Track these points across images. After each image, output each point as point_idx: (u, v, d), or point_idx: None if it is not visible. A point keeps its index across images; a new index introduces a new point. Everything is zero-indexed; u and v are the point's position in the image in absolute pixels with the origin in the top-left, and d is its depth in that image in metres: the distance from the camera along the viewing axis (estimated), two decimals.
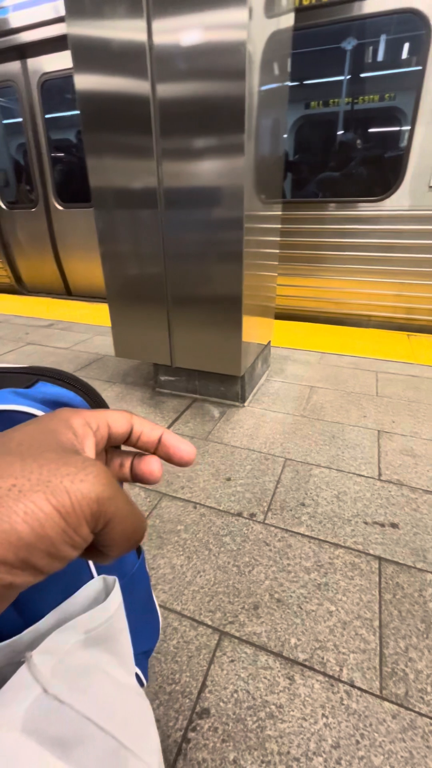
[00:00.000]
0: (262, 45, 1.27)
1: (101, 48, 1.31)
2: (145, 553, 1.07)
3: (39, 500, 0.16)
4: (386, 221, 2.59)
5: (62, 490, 0.17)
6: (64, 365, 2.33)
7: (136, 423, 0.27)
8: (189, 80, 1.26)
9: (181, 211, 1.46)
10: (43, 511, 0.16)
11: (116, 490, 0.19)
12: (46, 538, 0.16)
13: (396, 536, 1.11)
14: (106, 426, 0.25)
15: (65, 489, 0.17)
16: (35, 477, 0.17)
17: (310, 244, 2.83)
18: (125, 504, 0.20)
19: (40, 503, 0.16)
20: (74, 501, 0.17)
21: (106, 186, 1.53)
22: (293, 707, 0.74)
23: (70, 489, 0.17)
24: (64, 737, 0.23)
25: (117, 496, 0.19)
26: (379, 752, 0.67)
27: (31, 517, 0.16)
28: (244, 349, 1.64)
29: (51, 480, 0.17)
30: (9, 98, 3.46)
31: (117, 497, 0.19)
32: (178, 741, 0.70)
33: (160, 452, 0.28)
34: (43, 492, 0.16)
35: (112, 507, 0.19)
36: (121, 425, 0.26)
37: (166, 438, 0.28)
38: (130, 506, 0.21)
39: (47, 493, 0.17)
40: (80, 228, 3.55)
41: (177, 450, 0.28)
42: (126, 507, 0.20)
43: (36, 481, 0.17)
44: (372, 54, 2.49)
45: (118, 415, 0.27)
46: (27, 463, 0.18)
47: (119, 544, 0.20)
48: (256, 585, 0.97)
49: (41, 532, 0.16)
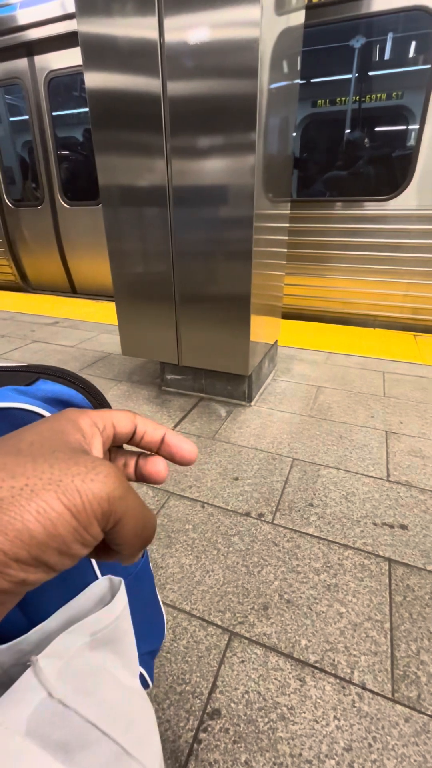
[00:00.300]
0: (273, 42, 1.26)
1: (112, 46, 1.31)
2: (153, 552, 1.07)
3: (51, 499, 0.17)
4: (394, 221, 2.58)
5: (73, 489, 0.17)
6: (70, 363, 2.33)
7: (139, 422, 0.28)
8: (200, 78, 1.25)
9: (191, 210, 1.45)
10: (55, 510, 0.16)
11: (126, 489, 0.20)
12: (58, 536, 0.16)
13: (405, 538, 1.10)
14: (111, 426, 0.26)
15: (76, 488, 0.17)
16: (47, 476, 0.17)
17: (317, 243, 2.82)
18: (135, 503, 0.20)
19: (52, 502, 0.16)
20: (85, 500, 0.17)
21: (115, 184, 1.53)
22: (304, 709, 0.73)
23: (81, 488, 0.17)
24: (67, 742, 0.23)
25: (127, 495, 0.19)
26: (391, 755, 0.67)
27: (43, 516, 0.16)
28: (252, 348, 1.64)
29: (62, 479, 0.17)
30: (16, 96, 3.46)
31: (127, 496, 0.19)
32: (189, 741, 0.69)
33: (163, 452, 0.29)
34: (54, 491, 0.17)
35: (123, 505, 0.19)
36: (125, 425, 0.27)
37: (168, 438, 0.28)
38: (140, 505, 0.21)
39: (59, 492, 0.17)
40: (86, 226, 3.55)
41: (179, 449, 0.28)
42: (136, 506, 0.20)
43: (47, 481, 0.17)
44: (380, 52, 2.48)
45: (122, 414, 0.27)
46: (38, 463, 0.18)
47: (130, 542, 0.20)
48: (265, 585, 0.97)
49: (53, 530, 0.16)
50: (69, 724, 0.23)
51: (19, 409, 0.31)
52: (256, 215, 1.38)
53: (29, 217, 3.82)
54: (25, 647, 0.27)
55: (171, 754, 0.68)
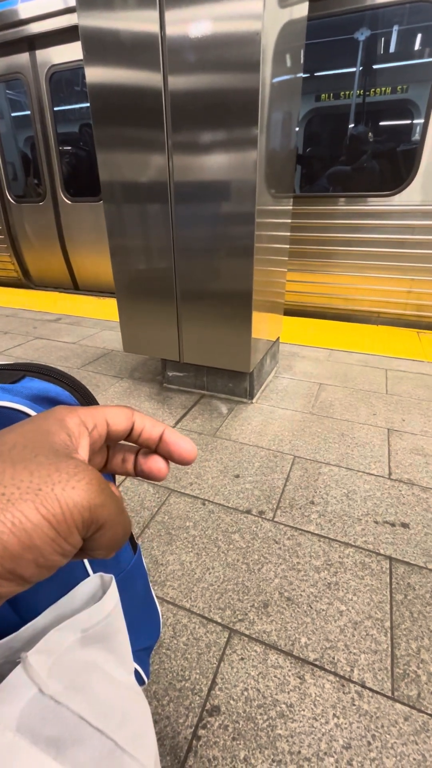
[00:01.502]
0: (275, 35, 1.25)
1: (113, 39, 1.30)
2: (153, 549, 1.07)
3: (28, 510, 0.16)
4: (397, 216, 2.55)
5: (53, 498, 0.17)
6: (72, 360, 2.33)
7: (137, 419, 0.27)
8: (202, 72, 1.24)
9: (192, 206, 1.44)
10: (31, 521, 0.16)
11: (108, 496, 0.19)
12: (34, 548, 0.16)
13: (407, 536, 1.10)
14: (104, 423, 0.25)
15: (56, 497, 0.17)
16: (25, 485, 0.17)
17: (319, 239, 2.80)
18: (116, 509, 0.20)
19: (28, 513, 0.16)
20: (65, 509, 0.17)
21: (116, 180, 1.52)
22: (304, 707, 0.74)
23: (61, 497, 0.17)
24: (59, 738, 0.23)
25: (108, 503, 0.19)
26: (391, 754, 0.67)
27: (18, 528, 0.16)
28: (254, 345, 1.63)
29: (41, 488, 0.17)
30: (17, 91, 3.44)
31: (109, 504, 0.19)
32: (188, 738, 0.70)
33: (161, 449, 0.28)
34: (32, 501, 0.16)
35: (105, 513, 0.19)
36: (121, 422, 0.26)
37: (167, 435, 0.28)
38: (119, 510, 0.21)
39: (36, 502, 0.16)
40: (88, 222, 3.54)
41: (177, 447, 0.27)
42: (116, 512, 0.20)
43: (26, 490, 0.16)
44: (385, 45, 2.44)
45: (118, 411, 0.26)
46: (18, 470, 0.17)
47: (106, 547, 0.20)
48: (265, 583, 0.97)
49: (28, 542, 0.16)
50: (61, 719, 0.23)
51: (3, 407, 0.31)
52: (258, 211, 1.37)
53: (31, 213, 3.81)
54: (16, 645, 0.27)
55: (170, 750, 0.68)
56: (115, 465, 0.30)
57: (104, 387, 2.00)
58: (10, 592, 0.16)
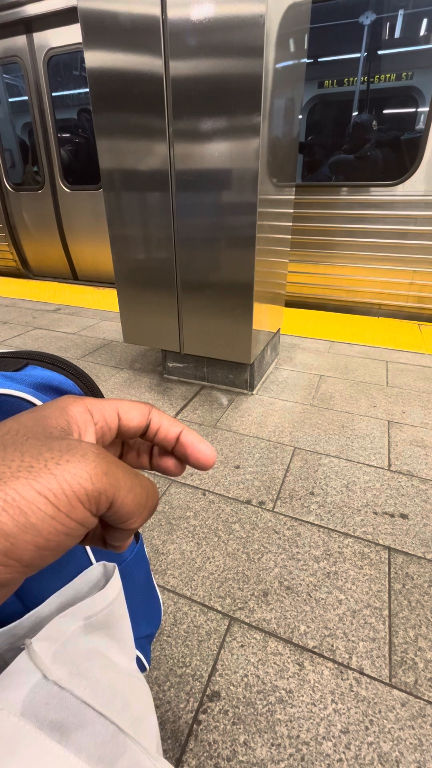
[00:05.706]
0: (279, 18, 1.22)
1: (113, 22, 1.26)
2: (154, 538, 1.08)
3: (20, 486, 0.15)
4: (400, 207, 2.53)
5: (47, 473, 0.16)
6: (71, 350, 2.32)
7: (154, 417, 0.25)
8: (204, 57, 1.21)
9: (194, 195, 1.42)
10: (25, 498, 0.15)
11: (111, 463, 0.18)
12: (30, 527, 0.15)
13: (406, 527, 1.11)
14: (115, 416, 0.23)
15: (50, 471, 0.16)
16: (16, 464, 0.16)
17: (321, 230, 2.78)
18: (127, 475, 0.19)
19: (21, 489, 0.15)
20: (62, 482, 0.16)
21: (117, 168, 1.50)
22: (303, 692, 0.75)
23: (55, 471, 0.16)
24: (63, 722, 0.23)
25: (114, 470, 0.18)
26: (388, 738, 0.68)
27: (11, 506, 0.15)
28: (254, 336, 1.63)
29: (33, 465, 0.16)
30: (14, 75, 3.37)
31: (114, 471, 0.18)
32: (189, 722, 0.71)
33: (178, 452, 0.26)
34: (25, 477, 0.15)
35: (112, 481, 0.17)
36: (134, 417, 0.24)
37: (184, 437, 0.26)
38: (133, 474, 0.19)
39: (30, 478, 0.15)
40: (87, 211, 3.50)
41: (194, 450, 0.25)
42: (128, 477, 0.19)
43: (17, 468, 0.16)
44: (390, 30, 2.39)
45: (132, 405, 0.24)
46: (8, 452, 0.17)
47: (136, 515, 0.19)
48: (265, 572, 0.98)
49: (24, 521, 0.15)
50: (64, 704, 0.24)
51: (5, 395, 0.30)
52: (260, 200, 1.35)
53: (30, 202, 3.77)
54: (20, 631, 0.27)
55: (171, 734, 0.69)
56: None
57: (104, 378, 1.99)
58: (11, 580, 0.15)
